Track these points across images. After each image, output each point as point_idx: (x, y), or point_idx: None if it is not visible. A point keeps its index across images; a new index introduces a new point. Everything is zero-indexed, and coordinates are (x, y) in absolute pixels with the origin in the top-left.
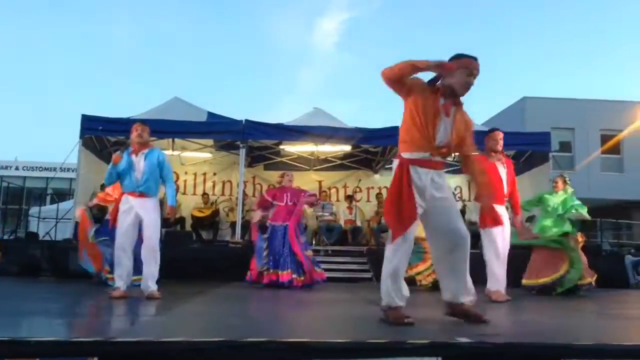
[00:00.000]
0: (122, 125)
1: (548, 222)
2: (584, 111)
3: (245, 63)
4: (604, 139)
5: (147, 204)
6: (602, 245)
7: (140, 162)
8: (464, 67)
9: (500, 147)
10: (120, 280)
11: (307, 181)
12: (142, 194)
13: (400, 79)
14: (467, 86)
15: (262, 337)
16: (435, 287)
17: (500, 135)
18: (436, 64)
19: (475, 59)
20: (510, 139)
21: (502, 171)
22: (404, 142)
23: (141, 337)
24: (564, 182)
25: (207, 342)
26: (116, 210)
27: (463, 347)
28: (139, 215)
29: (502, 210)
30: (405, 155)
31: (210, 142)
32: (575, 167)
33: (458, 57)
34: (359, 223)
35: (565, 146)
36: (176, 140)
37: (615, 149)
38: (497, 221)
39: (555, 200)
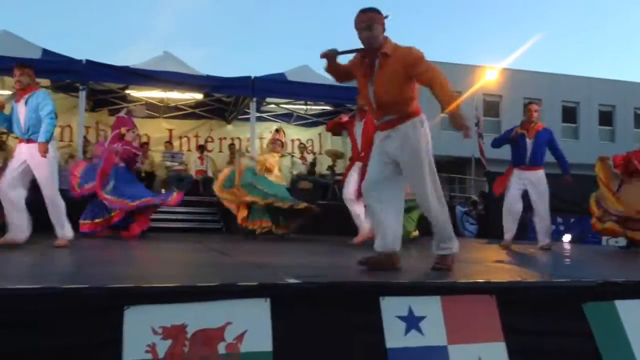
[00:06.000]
0: None
1: None
2: None
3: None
4: None
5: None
6: None
7: (22, 109)
8: (355, 27)
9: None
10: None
11: (157, 129)
12: (30, 141)
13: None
14: (364, 41)
15: (81, 284)
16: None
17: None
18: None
19: (360, 11)
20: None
21: None
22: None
23: None
24: None
25: (25, 289)
26: None
27: (290, 287)
28: (28, 163)
29: None
30: None
31: (46, 82)
32: None
33: None
34: (210, 174)
35: None
36: (6, 79)
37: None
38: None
39: None
